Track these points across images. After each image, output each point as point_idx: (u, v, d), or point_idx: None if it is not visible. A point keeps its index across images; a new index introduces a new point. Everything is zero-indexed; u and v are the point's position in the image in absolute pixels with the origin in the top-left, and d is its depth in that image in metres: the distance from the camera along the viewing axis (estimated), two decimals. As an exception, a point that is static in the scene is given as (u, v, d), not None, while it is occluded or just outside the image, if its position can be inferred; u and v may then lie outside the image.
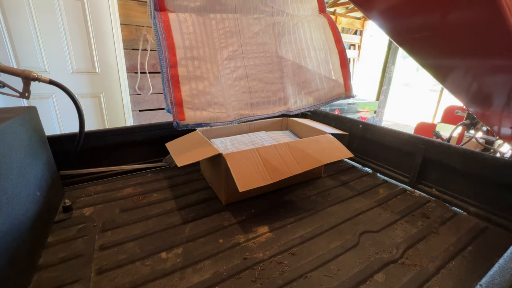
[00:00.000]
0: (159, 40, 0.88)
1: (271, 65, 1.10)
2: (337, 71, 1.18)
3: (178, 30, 0.90)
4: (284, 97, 1.13)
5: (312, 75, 1.16)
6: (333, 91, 1.18)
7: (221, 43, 1.00)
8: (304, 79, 1.15)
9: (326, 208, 1.01)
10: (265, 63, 1.08)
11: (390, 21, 0.74)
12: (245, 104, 1.02)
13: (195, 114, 0.86)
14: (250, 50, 1.06)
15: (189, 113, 0.85)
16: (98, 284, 0.67)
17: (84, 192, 1.08)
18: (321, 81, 1.17)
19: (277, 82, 1.11)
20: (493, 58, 0.64)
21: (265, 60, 1.08)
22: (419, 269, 0.72)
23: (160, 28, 0.88)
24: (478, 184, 0.97)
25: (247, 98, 1.02)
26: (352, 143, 1.46)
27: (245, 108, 1.02)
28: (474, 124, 1.79)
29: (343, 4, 4.93)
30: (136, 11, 2.38)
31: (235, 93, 1.01)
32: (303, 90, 1.16)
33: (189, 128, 0.88)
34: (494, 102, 0.92)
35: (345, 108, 4.61)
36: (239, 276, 0.69)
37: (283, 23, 1.12)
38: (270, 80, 1.09)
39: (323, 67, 1.17)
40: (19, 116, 0.79)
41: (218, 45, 0.99)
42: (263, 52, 1.08)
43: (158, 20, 0.89)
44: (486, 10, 0.50)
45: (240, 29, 1.03)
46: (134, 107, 2.60)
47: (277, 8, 1.11)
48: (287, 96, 1.13)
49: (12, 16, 1.99)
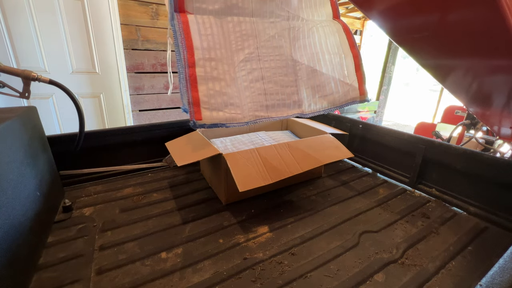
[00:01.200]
0: (178, 40, 0.90)
1: (286, 68, 1.10)
2: (352, 75, 1.18)
3: (197, 32, 0.92)
4: (299, 100, 1.13)
5: (326, 78, 1.16)
6: (348, 95, 1.18)
7: (238, 45, 1.01)
8: (318, 82, 1.16)
9: (326, 208, 1.01)
10: (280, 66, 1.09)
11: (390, 21, 0.74)
12: (261, 106, 1.03)
13: (212, 114, 0.87)
14: (266, 53, 1.06)
15: (206, 113, 0.86)
16: (98, 284, 0.67)
17: (84, 192, 1.08)
18: (336, 85, 1.17)
19: (291, 85, 1.11)
20: (493, 58, 0.64)
21: (280, 63, 1.09)
22: (419, 269, 0.72)
23: (180, 29, 0.89)
24: (478, 184, 0.97)
25: (262, 100, 1.03)
26: (352, 143, 1.46)
27: (260, 110, 1.03)
28: (474, 124, 1.79)
29: (343, 4, 4.93)
30: (136, 11, 2.39)
31: (250, 94, 1.02)
32: (318, 93, 1.16)
33: (205, 127, 0.88)
34: (494, 102, 0.92)
35: (345, 108, 4.61)
36: (239, 276, 0.69)
37: (298, 28, 1.14)
38: (285, 83, 1.10)
39: (337, 71, 1.17)
40: (19, 116, 0.79)
41: (234, 47, 1.01)
42: (278, 55, 1.09)
43: (178, 21, 0.90)
44: (486, 10, 0.50)
45: (257, 33, 1.05)
46: (134, 107, 2.60)
47: (292, 13, 1.12)
48: (302, 99, 1.14)
49: (12, 16, 1.99)
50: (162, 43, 2.57)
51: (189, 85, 0.86)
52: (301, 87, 1.13)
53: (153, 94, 2.66)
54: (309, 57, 1.15)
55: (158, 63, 2.60)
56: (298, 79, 1.13)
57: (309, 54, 1.14)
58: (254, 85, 1.03)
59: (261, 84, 1.04)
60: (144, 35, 2.47)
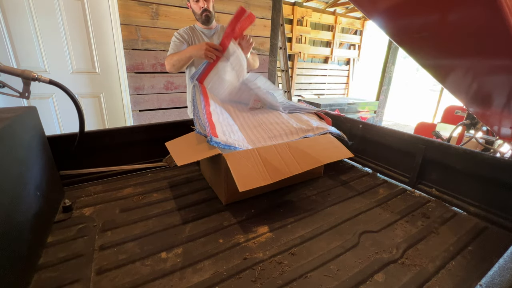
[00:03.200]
0: (196, 95, 1.19)
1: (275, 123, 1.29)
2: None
3: (210, 98, 1.22)
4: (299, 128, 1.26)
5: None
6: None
7: (235, 116, 1.33)
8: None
9: (326, 208, 1.01)
10: (272, 122, 1.29)
11: (390, 21, 0.74)
12: (265, 138, 1.18)
13: (226, 138, 0.99)
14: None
15: (221, 136, 0.98)
16: (98, 284, 0.67)
17: (84, 192, 1.08)
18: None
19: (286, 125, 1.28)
20: (493, 58, 0.64)
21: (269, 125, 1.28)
22: (419, 269, 0.72)
23: (200, 90, 1.23)
24: (478, 184, 0.97)
25: (266, 135, 1.19)
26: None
27: (266, 141, 1.16)
28: (474, 124, 1.79)
29: (343, 4, 4.93)
30: (136, 11, 2.39)
31: (255, 133, 1.21)
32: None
33: (219, 146, 0.94)
34: (494, 102, 0.92)
35: (345, 108, 4.61)
36: (239, 276, 0.69)
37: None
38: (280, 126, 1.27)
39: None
40: (19, 116, 0.79)
41: (234, 115, 1.32)
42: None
43: (199, 86, 1.26)
44: (486, 10, 0.50)
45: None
46: (134, 107, 2.61)
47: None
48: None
49: (12, 16, 2.00)
50: (162, 43, 2.57)
51: (206, 118, 1.04)
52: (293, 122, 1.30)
53: (153, 94, 2.66)
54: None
55: (158, 63, 2.60)
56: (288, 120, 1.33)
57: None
58: (256, 130, 1.24)
59: (262, 128, 1.25)
60: (144, 35, 2.47)
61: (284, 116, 1.34)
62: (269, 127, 1.25)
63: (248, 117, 1.34)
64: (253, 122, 1.30)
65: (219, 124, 1.06)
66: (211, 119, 1.06)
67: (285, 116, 1.34)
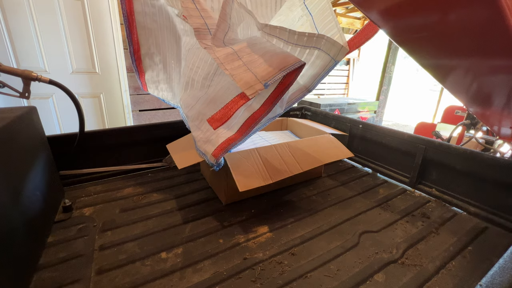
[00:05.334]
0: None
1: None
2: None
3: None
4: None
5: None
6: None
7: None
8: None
9: (326, 208, 1.01)
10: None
11: (390, 21, 0.74)
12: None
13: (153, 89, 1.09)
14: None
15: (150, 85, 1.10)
16: (98, 284, 0.67)
17: (84, 192, 1.08)
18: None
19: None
20: (493, 58, 0.64)
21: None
22: (419, 269, 0.72)
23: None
24: (478, 184, 0.97)
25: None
26: (352, 143, 1.46)
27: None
28: (474, 124, 1.79)
29: (343, 4, 4.93)
30: (136, 11, 2.38)
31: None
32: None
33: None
34: (494, 102, 0.92)
35: (345, 108, 4.61)
36: (239, 276, 0.69)
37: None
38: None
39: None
40: (19, 116, 0.79)
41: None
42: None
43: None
44: (486, 10, 0.50)
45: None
46: (134, 107, 2.60)
47: None
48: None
49: (12, 16, 1.99)
50: (162, 43, 2.57)
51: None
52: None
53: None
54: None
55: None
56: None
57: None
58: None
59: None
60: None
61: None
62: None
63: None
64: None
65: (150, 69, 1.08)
66: (140, 64, 1.08)
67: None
